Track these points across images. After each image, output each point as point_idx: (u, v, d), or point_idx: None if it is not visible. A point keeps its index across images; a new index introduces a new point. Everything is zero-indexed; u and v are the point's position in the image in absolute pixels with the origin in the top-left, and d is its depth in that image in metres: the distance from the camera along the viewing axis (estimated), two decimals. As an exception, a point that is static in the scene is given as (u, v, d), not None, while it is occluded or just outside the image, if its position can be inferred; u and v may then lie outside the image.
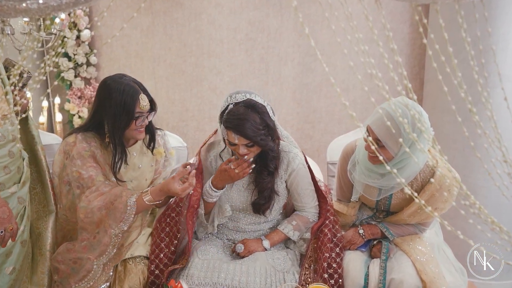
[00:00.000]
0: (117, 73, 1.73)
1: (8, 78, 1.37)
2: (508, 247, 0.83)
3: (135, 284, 1.63)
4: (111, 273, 1.66)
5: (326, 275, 1.67)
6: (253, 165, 1.69)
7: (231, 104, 1.64)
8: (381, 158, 0.71)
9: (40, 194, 1.75)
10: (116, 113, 1.62)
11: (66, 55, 3.09)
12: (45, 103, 3.06)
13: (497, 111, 0.77)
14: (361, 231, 1.81)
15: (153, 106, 1.74)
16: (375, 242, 1.79)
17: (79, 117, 3.18)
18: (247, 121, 1.58)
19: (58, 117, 3.07)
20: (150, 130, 1.84)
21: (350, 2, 0.73)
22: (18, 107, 0.84)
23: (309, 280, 1.66)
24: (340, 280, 1.67)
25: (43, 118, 2.96)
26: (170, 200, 1.87)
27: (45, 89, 3.19)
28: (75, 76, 3.15)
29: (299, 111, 3.31)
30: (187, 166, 1.64)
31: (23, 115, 1.60)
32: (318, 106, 3.29)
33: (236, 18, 3.14)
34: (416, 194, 0.68)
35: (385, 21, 0.70)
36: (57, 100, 3.14)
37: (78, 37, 3.07)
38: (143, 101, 1.65)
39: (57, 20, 2.77)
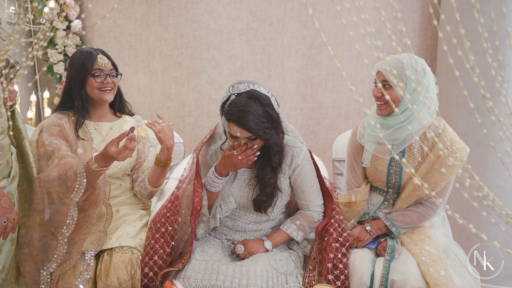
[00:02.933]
0: None
1: None
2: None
3: (123, 273, 1.65)
4: (92, 263, 1.69)
5: (331, 277, 1.67)
6: (258, 153, 1.70)
7: (233, 94, 1.64)
8: (369, 114, 0.72)
9: (26, 191, 1.75)
10: (76, 71, 1.84)
11: (55, 46, 3.10)
12: (33, 98, 3.07)
13: (512, 97, 0.77)
14: (368, 228, 1.82)
15: (117, 70, 1.93)
16: (382, 240, 1.81)
17: (69, 112, 3.19)
18: (249, 113, 1.58)
19: (47, 112, 3.09)
20: (119, 98, 2.02)
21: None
22: (6, 94, 0.85)
23: (314, 283, 1.67)
24: (347, 282, 1.68)
25: (31, 113, 2.98)
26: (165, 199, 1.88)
27: (33, 83, 3.20)
28: (65, 69, 3.16)
29: (304, 106, 3.31)
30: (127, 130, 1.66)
31: (11, 103, 1.61)
32: (324, 101, 3.29)
33: (236, 7, 3.14)
34: (404, 159, 0.68)
35: (393, 1, 0.70)
36: (46, 95, 3.16)
37: (68, 27, 3.08)
38: (101, 59, 1.87)
39: (46, 10, 2.78)
